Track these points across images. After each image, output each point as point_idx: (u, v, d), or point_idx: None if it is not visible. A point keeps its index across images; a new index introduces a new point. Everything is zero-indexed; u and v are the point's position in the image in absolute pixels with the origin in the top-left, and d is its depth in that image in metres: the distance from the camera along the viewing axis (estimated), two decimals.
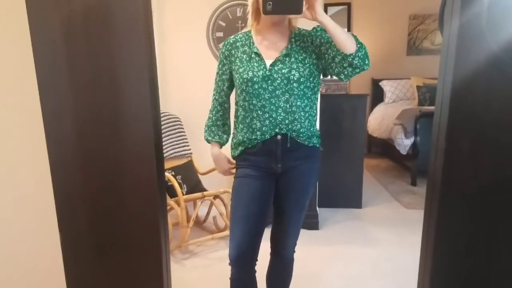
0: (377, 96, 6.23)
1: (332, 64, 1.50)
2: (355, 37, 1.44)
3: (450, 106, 0.93)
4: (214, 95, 1.75)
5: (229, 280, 1.66)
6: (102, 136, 1.10)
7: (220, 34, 3.43)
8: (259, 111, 1.56)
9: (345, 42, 1.40)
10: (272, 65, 1.54)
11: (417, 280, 1.24)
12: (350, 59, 1.42)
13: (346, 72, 1.48)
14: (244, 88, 1.57)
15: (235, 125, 1.70)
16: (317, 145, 1.65)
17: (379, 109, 5.95)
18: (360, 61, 1.43)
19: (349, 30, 5.85)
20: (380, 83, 6.15)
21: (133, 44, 0.98)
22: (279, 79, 1.53)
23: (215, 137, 1.79)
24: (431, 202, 1.07)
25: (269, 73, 1.53)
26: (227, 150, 1.82)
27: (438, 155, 0.99)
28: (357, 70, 1.46)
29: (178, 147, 3.32)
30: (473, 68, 0.91)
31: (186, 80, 3.56)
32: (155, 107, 1.09)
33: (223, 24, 3.42)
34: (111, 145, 1.11)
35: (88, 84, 1.02)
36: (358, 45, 1.42)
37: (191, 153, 3.39)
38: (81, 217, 1.23)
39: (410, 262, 2.70)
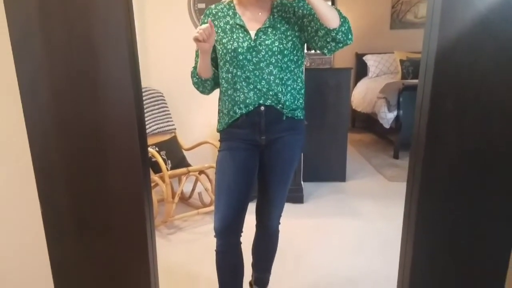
0: (361, 70, 6.23)
1: (315, 38, 1.48)
2: (338, 11, 1.42)
3: (435, 67, 0.92)
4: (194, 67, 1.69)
5: (214, 253, 1.67)
6: (80, 105, 1.06)
7: (202, 5, 3.34)
8: (243, 83, 1.53)
9: (328, 16, 1.38)
10: (256, 36, 1.52)
11: (399, 250, 1.27)
12: (334, 34, 1.40)
13: (329, 47, 1.46)
14: (228, 59, 1.54)
15: (219, 99, 1.67)
16: (301, 118, 1.64)
17: (362, 84, 5.96)
18: (344, 35, 1.41)
19: (333, 4, 5.77)
20: (363, 58, 6.13)
21: (111, 9, 0.94)
22: (263, 50, 1.51)
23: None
24: (414, 170, 1.08)
25: (253, 44, 1.51)
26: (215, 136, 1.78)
27: (422, 118, 0.99)
28: (340, 45, 1.44)
29: (162, 123, 3.28)
30: (459, 28, 0.90)
31: (168, 55, 3.48)
32: (135, 75, 1.05)
33: None
34: (91, 115, 1.08)
35: (64, 50, 0.98)
36: (342, 20, 1.40)
37: (174, 129, 3.36)
38: (62, 192, 1.21)
39: (393, 233, 2.76)
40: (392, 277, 1.37)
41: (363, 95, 5.61)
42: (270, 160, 1.64)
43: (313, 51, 4.53)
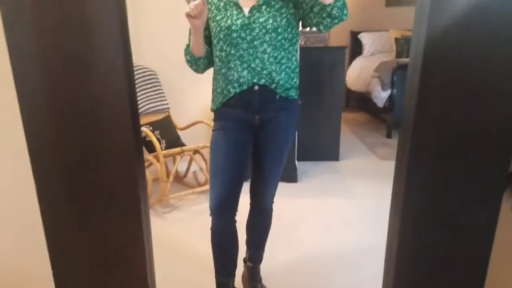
0: (356, 49, 6.20)
1: (310, 14, 1.48)
2: None
3: (425, 45, 0.93)
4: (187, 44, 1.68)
5: (210, 232, 1.70)
6: (71, 85, 1.06)
7: None
8: (237, 61, 1.53)
9: None
10: (250, 13, 1.51)
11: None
12: (329, 9, 1.39)
13: (325, 23, 1.45)
14: (222, 37, 1.53)
15: (213, 78, 1.67)
16: (295, 97, 1.65)
17: (357, 62, 5.94)
18: (339, 11, 1.41)
19: None
20: (358, 36, 6.09)
21: None
22: (257, 28, 1.50)
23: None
24: (403, 149, 1.10)
25: (247, 22, 1.50)
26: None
27: (412, 98, 1.01)
28: (336, 21, 1.44)
29: (155, 102, 3.26)
30: (449, 7, 0.90)
31: (161, 33, 3.44)
32: (126, 50, 1.05)
33: None
34: (83, 94, 1.08)
35: (55, 27, 0.98)
36: None
37: (168, 108, 3.35)
38: (55, 171, 1.21)
39: (383, 211, 2.81)
40: (379, 251, 1.41)
41: (357, 73, 5.60)
42: (264, 140, 1.66)
43: (307, 29, 4.50)
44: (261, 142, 1.66)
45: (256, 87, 1.55)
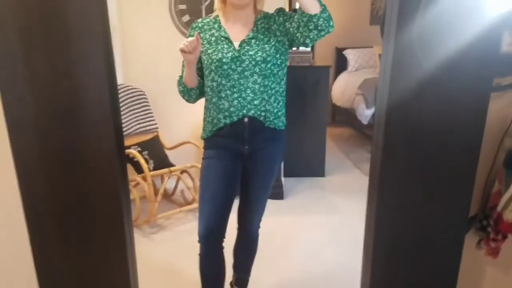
0: (341, 64, 6.33)
1: (297, 34, 1.54)
2: (319, 0, 1.46)
3: (387, 110, 1.03)
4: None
5: (197, 253, 1.74)
6: (58, 104, 1.12)
7: (183, 6, 3.36)
8: (228, 91, 1.60)
9: (310, 3, 1.43)
10: (240, 46, 1.58)
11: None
12: (315, 20, 1.44)
13: (311, 36, 1.50)
14: (213, 68, 1.60)
15: (204, 107, 1.74)
16: (283, 128, 1.72)
17: (342, 78, 6.06)
18: (325, 22, 1.46)
19: None
20: (343, 52, 6.22)
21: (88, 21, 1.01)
22: (247, 60, 1.57)
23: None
24: (371, 197, 1.19)
25: (237, 54, 1.58)
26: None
27: (378, 152, 1.10)
28: (323, 33, 1.49)
29: (144, 122, 3.31)
30: (406, 78, 1.00)
31: (150, 54, 3.50)
32: (110, 74, 1.12)
33: None
34: (69, 119, 1.14)
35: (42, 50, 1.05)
36: (322, 7, 1.46)
37: (157, 128, 3.39)
38: (43, 194, 1.25)
39: None
40: None
41: (342, 90, 5.71)
42: (252, 168, 1.72)
43: (294, 48, 4.59)
44: (249, 170, 1.73)
45: (246, 119, 1.62)
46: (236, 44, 1.60)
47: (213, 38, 1.62)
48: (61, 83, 1.07)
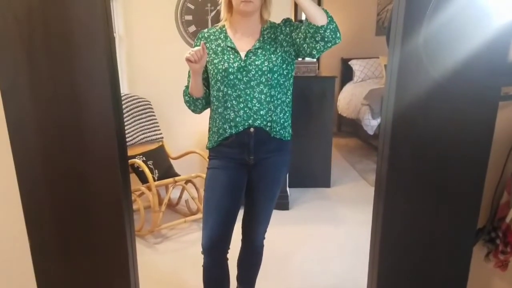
0: (347, 75, 6.33)
1: (304, 45, 1.54)
2: (325, 11, 1.47)
3: (393, 120, 1.01)
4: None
5: (200, 264, 1.72)
6: (61, 115, 1.12)
7: (189, 17, 3.38)
8: (233, 101, 1.59)
9: (316, 14, 1.43)
10: (246, 56, 1.58)
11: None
12: (322, 31, 1.44)
13: (318, 47, 1.50)
14: (219, 78, 1.59)
15: (210, 117, 1.73)
16: (288, 139, 1.71)
17: (348, 89, 6.05)
18: (332, 33, 1.46)
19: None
20: (349, 63, 6.23)
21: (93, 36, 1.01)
22: (253, 70, 1.57)
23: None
24: (377, 210, 1.17)
25: (244, 64, 1.57)
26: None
27: (384, 162, 1.08)
28: (329, 44, 1.49)
29: (149, 132, 3.31)
30: (413, 88, 0.99)
31: (155, 64, 3.52)
32: (114, 87, 1.12)
33: (192, 6, 3.37)
34: (71, 128, 1.15)
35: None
36: (329, 18, 1.46)
37: (162, 138, 3.39)
38: (46, 209, 1.25)
39: None
40: None
41: (348, 100, 5.70)
42: (257, 179, 1.71)
43: (299, 59, 4.59)
44: (254, 181, 1.71)
45: (252, 129, 1.61)
46: (243, 54, 1.59)
47: (219, 48, 1.62)
48: (63, 93, 1.07)
